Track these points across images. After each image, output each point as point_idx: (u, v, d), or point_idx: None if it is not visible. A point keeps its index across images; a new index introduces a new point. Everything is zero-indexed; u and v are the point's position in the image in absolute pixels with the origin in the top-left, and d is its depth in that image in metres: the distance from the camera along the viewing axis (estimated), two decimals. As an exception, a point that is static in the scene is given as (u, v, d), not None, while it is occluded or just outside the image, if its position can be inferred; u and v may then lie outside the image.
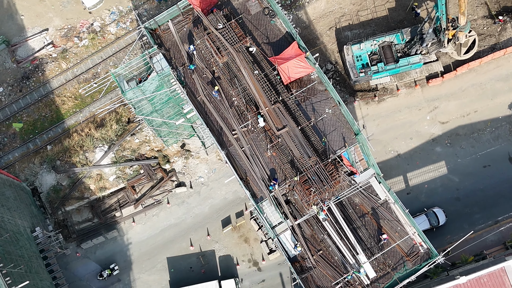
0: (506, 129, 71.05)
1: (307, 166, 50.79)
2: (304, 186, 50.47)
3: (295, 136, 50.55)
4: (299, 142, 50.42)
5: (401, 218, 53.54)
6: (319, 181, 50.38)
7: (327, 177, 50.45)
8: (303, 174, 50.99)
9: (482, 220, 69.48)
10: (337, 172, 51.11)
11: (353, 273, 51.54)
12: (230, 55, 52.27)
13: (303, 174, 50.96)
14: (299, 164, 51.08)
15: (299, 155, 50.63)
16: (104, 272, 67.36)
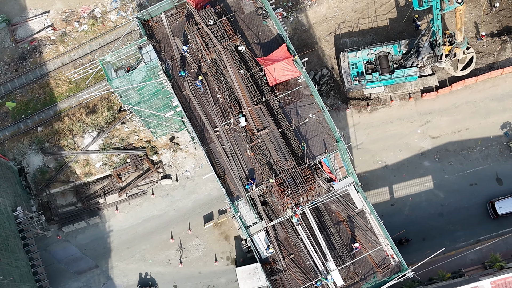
0: (496, 149, 70.73)
1: (283, 169, 50.81)
2: (279, 188, 50.46)
3: (274, 138, 50.60)
4: (278, 144, 50.46)
5: (375, 229, 53.52)
6: (294, 185, 50.34)
7: (302, 182, 50.40)
8: (279, 177, 50.97)
9: (463, 238, 69.25)
10: (313, 178, 50.98)
11: (321, 279, 51.41)
12: (218, 52, 52.32)
13: (279, 176, 50.91)
14: (276, 167, 51.08)
15: (276, 157, 50.71)
16: None
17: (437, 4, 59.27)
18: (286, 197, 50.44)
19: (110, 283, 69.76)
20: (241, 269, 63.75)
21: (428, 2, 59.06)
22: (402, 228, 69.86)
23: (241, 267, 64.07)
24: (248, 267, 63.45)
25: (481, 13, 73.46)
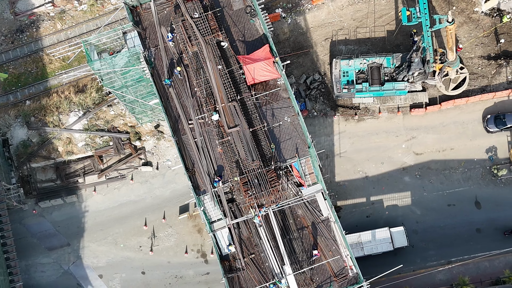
0: (479, 173, 70.34)
1: (249, 169, 50.87)
2: (243, 187, 50.55)
3: (244, 137, 50.65)
4: (247, 143, 50.55)
5: (338, 238, 53.41)
6: (257, 186, 50.39)
7: (266, 183, 50.43)
8: (244, 176, 51.03)
9: (435, 258, 69.05)
10: (277, 180, 50.99)
11: (275, 282, 51.46)
12: (199, 46, 52.43)
13: (245, 176, 50.99)
14: (242, 165, 51.19)
15: (244, 156, 50.81)
16: None
17: (427, 21, 58.91)
18: (248, 196, 50.44)
19: (79, 262, 70.31)
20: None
21: (418, 18, 58.73)
22: (375, 241, 69.58)
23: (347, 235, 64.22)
24: (351, 236, 64.80)
25: (481, 34, 72.78)
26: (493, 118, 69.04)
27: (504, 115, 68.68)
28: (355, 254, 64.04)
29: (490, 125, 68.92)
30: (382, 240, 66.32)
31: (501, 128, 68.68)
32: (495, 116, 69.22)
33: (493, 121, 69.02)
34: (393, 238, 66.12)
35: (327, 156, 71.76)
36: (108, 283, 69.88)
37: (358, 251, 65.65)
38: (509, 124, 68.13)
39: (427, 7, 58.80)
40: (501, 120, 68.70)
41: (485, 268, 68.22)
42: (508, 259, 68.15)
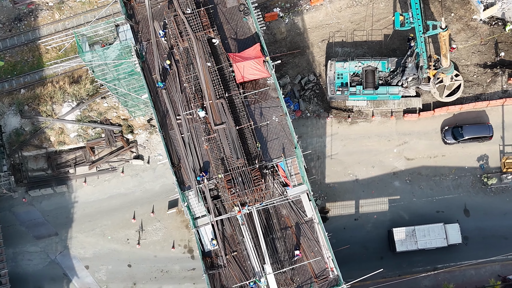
0: (469, 181, 70.28)
1: (233, 166, 50.97)
2: (226, 185, 50.67)
3: (230, 135, 50.74)
4: (232, 141, 50.66)
5: (320, 239, 53.47)
6: (241, 184, 50.49)
7: (250, 182, 50.53)
8: (228, 174, 51.14)
9: (421, 264, 69.04)
10: (261, 179, 51.09)
11: (255, 281, 51.59)
12: (190, 42, 52.54)
13: (229, 173, 51.10)
14: (227, 163, 51.30)
15: (229, 154, 50.91)
16: None
17: (420, 26, 58.84)
18: (231, 194, 50.55)
19: (66, 252, 70.53)
20: (398, 230, 65.71)
21: (410, 24, 58.66)
22: (362, 244, 69.74)
23: (400, 228, 66.06)
24: (406, 228, 66.04)
25: (478, 42, 72.65)
26: (451, 130, 69.43)
27: (462, 127, 68.83)
28: (409, 247, 66.25)
29: (448, 137, 69.29)
30: (436, 235, 66.75)
31: (458, 140, 68.76)
32: (453, 128, 69.31)
33: (450, 132, 69.19)
34: (448, 235, 66.56)
35: (318, 158, 71.79)
36: (94, 274, 70.11)
37: (412, 244, 66.49)
38: (466, 136, 68.21)
39: (420, 12, 58.53)
40: (459, 132, 68.90)
41: (471, 276, 68.24)
42: (494, 268, 68.20)
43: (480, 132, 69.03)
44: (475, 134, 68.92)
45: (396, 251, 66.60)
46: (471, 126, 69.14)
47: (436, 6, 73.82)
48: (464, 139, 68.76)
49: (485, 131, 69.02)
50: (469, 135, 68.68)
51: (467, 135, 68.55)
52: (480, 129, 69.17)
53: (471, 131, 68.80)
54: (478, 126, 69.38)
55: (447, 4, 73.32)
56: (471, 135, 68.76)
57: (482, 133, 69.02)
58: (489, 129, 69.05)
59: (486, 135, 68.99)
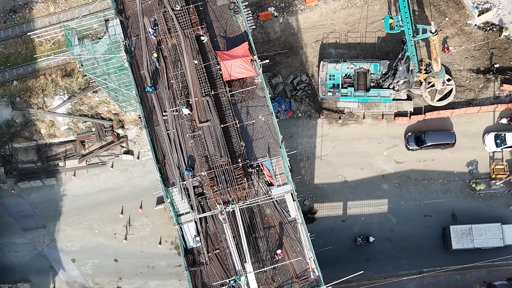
0: (458, 185, 70.25)
1: (217, 164, 51.03)
2: (209, 183, 50.74)
3: (214, 132, 50.79)
4: (217, 139, 50.69)
5: (303, 240, 53.49)
6: (224, 182, 50.56)
7: (233, 180, 50.59)
8: (211, 171, 51.21)
9: (407, 267, 69.11)
10: (244, 178, 51.15)
11: (235, 279, 51.67)
12: (178, 38, 52.60)
13: (212, 171, 51.18)
14: (211, 161, 51.37)
15: (212, 152, 50.95)
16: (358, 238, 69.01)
17: (409, 30, 58.77)
18: (214, 192, 50.63)
19: (54, 245, 70.71)
20: (455, 228, 66.15)
21: (400, 27, 58.61)
22: (349, 246, 69.74)
23: (457, 225, 66.18)
24: (462, 226, 66.22)
25: (472, 47, 72.59)
26: (413, 137, 69.45)
27: (424, 133, 68.83)
28: (465, 245, 66.51)
29: (411, 143, 69.38)
30: (493, 235, 66.86)
31: (420, 146, 69.05)
32: (416, 134, 69.49)
33: (413, 139, 69.28)
34: (504, 235, 66.64)
35: (308, 158, 71.84)
36: (80, 268, 70.31)
37: (468, 243, 66.66)
38: (428, 143, 68.47)
39: (409, 16, 58.44)
40: (421, 138, 68.91)
41: (456, 281, 68.32)
42: (480, 274, 68.28)
43: (442, 139, 69.31)
44: (438, 141, 69.19)
45: (452, 248, 66.67)
46: (434, 133, 69.33)
47: (431, 10, 73.82)
48: (427, 145, 68.62)
49: (447, 138, 69.23)
50: (432, 142, 68.96)
51: (429, 141, 68.86)
52: (442, 136, 69.42)
53: (434, 138, 69.08)
54: (440, 133, 69.62)
55: (442, 9, 73.24)
56: (433, 141, 69.04)
57: (444, 140, 69.32)
58: (452, 136, 69.29)
59: (449, 142, 69.24)
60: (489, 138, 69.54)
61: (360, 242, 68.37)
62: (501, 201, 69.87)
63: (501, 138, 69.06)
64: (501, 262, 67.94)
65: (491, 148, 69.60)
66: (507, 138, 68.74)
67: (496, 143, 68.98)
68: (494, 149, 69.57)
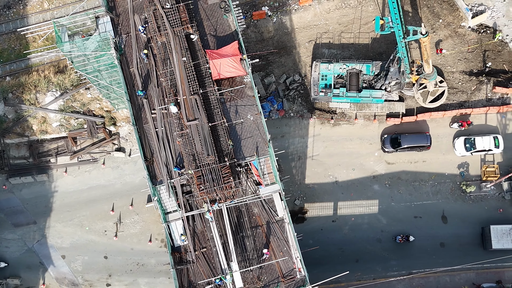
0: (448, 187, 70.28)
1: (204, 163, 51.08)
2: (196, 181, 50.78)
3: (202, 131, 50.83)
4: (204, 138, 50.72)
5: (290, 239, 53.52)
6: (211, 181, 50.61)
7: (219, 179, 50.63)
8: (198, 170, 51.26)
9: (396, 268, 69.24)
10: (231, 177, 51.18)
11: (221, 277, 51.72)
12: (167, 36, 52.63)
13: (199, 169, 51.22)
14: (198, 159, 51.41)
15: (200, 150, 50.98)
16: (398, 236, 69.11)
17: (400, 31, 58.77)
18: (200, 190, 50.67)
19: (44, 241, 70.81)
20: (496, 228, 66.45)
21: (390, 28, 58.61)
22: (338, 246, 69.84)
23: (497, 225, 66.35)
24: (503, 226, 66.43)
25: (465, 49, 72.57)
26: (389, 139, 69.53)
27: (400, 136, 68.82)
28: (505, 245, 66.27)
29: (387, 145, 69.51)
30: None
31: (396, 148, 69.11)
32: (391, 136, 69.57)
33: (389, 141, 69.34)
34: None
35: (300, 158, 71.91)
36: (70, 264, 70.39)
37: (508, 243, 66.50)
38: (404, 145, 68.45)
39: (399, 17, 58.44)
40: (397, 140, 69.00)
41: (445, 283, 68.36)
42: (469, 276, 68.36)
43: (418, 142, 69.50)
44: (413, 143, 69.36)
45: (492, 248, 66.61)
46: (409, 135, 69.42)
47: (425, 12, 73.78)
48: (402, 147, 68.58)
49: (423, 141, 69.30)
50: (408, 144, 69.07)
51: (405, 143, 68.88)
52: (418, 139, 69.57)
53: (410, 140, 69.19)
54: (416, 135, 69.77)
55: (435, 10, 73.23)
56: (409, 144, 69.11)
57: (420, 142, 69.52)
58: (427, 139, 69.35)
59: (424, 144, 69.31)
60: (458, 142, 69.67)
61: (400, 240, 68.45)
62: (491, 204, 69.74)
63: (471, 142, 69.07)
64: (490, 264, 67.73)
65: (461, 152, 69.63)
66: (476, 142, 68.75)
67: (466, 147, 68.99)
68: (464, 153, 69.63)
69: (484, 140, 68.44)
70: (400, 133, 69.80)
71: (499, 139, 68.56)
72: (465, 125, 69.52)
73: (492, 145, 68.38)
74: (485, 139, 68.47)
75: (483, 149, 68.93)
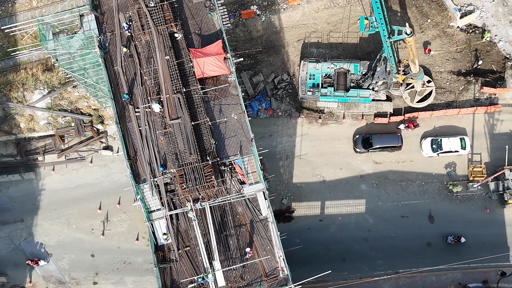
0: (435, 187, 70.31)
1: (186, 162, 51.09)
2: (179, 180, 50.80)
3: (184, 130, 50.82)
4: (187, 136, 50.73)
5: (273, 238, 53.57)
6: (193, 180, 50.62)
7: (201, 178, 50.65)
8: (181, 168, 51.27)
9: (383, 267, 69.23)
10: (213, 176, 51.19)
11: (203, 276, 51.76)
12: (151, 35, 52.63)
13: (181, 168, 51.24)
14: (180, 158, 51.43)
15: (182, 149, 50.98)
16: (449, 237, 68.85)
17: (384, 31, 58.78)
18: (182, 190, 50.69)
19: (31, 239, 70.80)
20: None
21: (375, 28, 58.62)
22: (325, 245, 69.86)
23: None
24: None
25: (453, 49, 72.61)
26: (360, 139, 69.69)
27: (372, 136, 68.97)
28: None
29: (358, 145, 69.59)
30: None
31: (368, 149, 69.26)
32: (363, 137, 69.56)
33: (360, 141, 69.55)
34: None
35: (287, 157, 71.93)
36: (57, 262, 70.38)
37: None
38: (375, 145, 68.60)
39: (383, 17, 58.43)
40: (368, 141, 69.26)
41: (431, 283, 68.40)
42: (455, 276, 68.42)
43: (389, 142, 69.57)
44: (384, 144, 69.41)
45: None
46: (381, 136, 69.51)
47: (414, 12, 73.81)
48: (374, 148, 68.70)
49: (394, 141, 69.34)
50: (379, 144, 69.15)
51: (376, 144, 68.94)
52: (389, 139, 69.65)
53: (381, 141, 69.24)
54: (387, 136, 69.87)
55: (424, 10, 73.27)
56: (380, 144, 69.19)
57: (391, 143, 69.58)
58: (398, 139, 69.34)
59: (396, 145, 69.42)
60: (425, 143, 69.89)
61: (452, 241, 68.38)
62: (478, 204, 69.82)
63: (437, 143, 69.20)
64: (476, 264, 67.79)
65: (428, 153, 69.84)
66: (443, 143, 68.83)
67: (433, 148, 69.16)
68: (430, 154, 69.82)
69: (451, 141, 68.69)
70: (372, 133, 69.81)
71: (465, 141, 68.74)
72: (411, 126, 69.71)
73: (458, 146, 68.41)
74: (452, 141, 68.71)
75: (450, 150, 68.71)
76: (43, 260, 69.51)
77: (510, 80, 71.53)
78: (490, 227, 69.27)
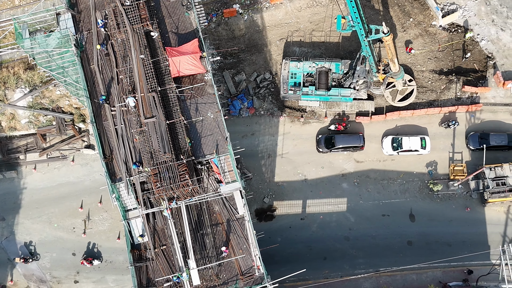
0: (416, 186, 70.43)
1: (161, 161, 51.10)
2: (153, 179, 50.81)
3: (159, 128, 50.83)
4: (161, 135, 50.74)
5: (249, 237, 53.63)
6: (168, 178, 50.64)
7: (176, 177, 50.67)
8: (155, 167, 51.28)
9: (363, 266, 69.28)
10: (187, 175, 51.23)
11: (178, 275, 51.80)
12: (127, 34, 52.61)
13: (156, 167, 51.25)
14: (155, 157, 51.44)
15: (157, 148, 50.99)
16: None
17: (361, 30, 58.83)
18: (156, 188, 50.70)
19: (12, 238, 70.71)
20: None
21: (352, 27, 58.66)
22: (307, 244, 69.96)
23: None
24: None
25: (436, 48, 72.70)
26: (323, 139, 70.10)
27: (334, 136, 69.41)
28: None
29: (321, 145, 69.80)
30: None
31: (330, 148, 69.58)
32: (325, 137, 70.05)
33: (323, 141, 69.94)
34: None
35: (269, 156, 71.99)
36: (38, 261, 70.09)
37: None
38: (338, 145, 69.05)
39: (360, 16, 58.45)
40: (331, 141, 69.51)
41: (412, 281, 68.47)
42: (435, 274, 68.49)
43: (351, 142, 69.91)
44: (347, 144, 69.73)
45: None
46: (343, 136, 69.84)
47: (396, 11, 73.91)
48: (336, 148, 68.86)
49: (356, 141, 69.74)
50: (341, 144, 69.41)
51: (339, 144, 69.20)
52: (351, 139, 69.97)
53: (343, 141, 69.50)
54: (349, 136, 70.19)
55: (406, 9, 73.37)
56: (343, 144, 69.45)
57: (353, 143, 69.96)
58: (360, 139, 69.69)
59: (358, 145, 69.77)
60: (386, 141, 70.13)
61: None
62: (459, 203, 69.98)
63: (398, 142, 69.38)
64: (457, 263, 67.89)
65: (388, 151, 70.12)
66: (403, 142, 69.06)
67: (393, 147, 69.46)
68: (391, 152, 70.02)
69: (411, 140, 68.94)
70: (334, 133, 69.89)
71: (426, 140, 68.89)
72: (340, 127, 70.13)
73: (418, 146, 68.60)
74: (412, 140, 68.98)
75: (410, 149, 69.06)
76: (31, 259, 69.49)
77: (491, 79, 71.46)
78: (470, 226, 69.35)
